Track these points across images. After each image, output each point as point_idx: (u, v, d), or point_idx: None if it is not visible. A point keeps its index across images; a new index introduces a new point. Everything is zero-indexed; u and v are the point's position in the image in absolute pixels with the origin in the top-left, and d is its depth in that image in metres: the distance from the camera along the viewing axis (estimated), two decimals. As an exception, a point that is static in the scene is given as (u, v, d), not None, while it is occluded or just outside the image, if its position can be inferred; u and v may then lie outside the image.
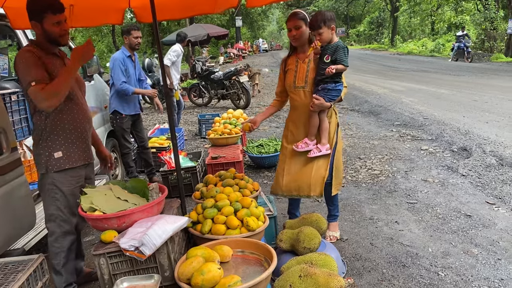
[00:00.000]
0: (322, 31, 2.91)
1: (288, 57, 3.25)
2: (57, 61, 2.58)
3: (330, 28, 2.93)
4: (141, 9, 3.60)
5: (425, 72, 16.41)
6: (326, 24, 2.90)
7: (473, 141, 6.04)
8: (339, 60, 2.94)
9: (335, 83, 3.02)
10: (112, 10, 3.45)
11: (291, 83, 3.16)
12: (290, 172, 3.25)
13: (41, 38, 2.53)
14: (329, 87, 3.01)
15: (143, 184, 2.75)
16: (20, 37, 3.62)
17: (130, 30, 4.81)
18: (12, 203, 2.80)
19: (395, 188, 4.66)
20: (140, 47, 5.17)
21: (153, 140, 6.17)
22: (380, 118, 8.55)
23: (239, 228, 2.62)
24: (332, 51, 2.96)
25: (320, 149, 3.13)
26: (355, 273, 3.01)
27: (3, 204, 2.75)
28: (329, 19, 2.92)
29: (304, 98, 3.13)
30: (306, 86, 3.11)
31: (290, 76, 3.17)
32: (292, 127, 3.28)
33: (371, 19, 46.49)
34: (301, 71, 3.12)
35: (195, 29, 17.68)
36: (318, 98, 3.00)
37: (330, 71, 2.90)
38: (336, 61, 2.95)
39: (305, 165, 3.20)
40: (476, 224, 3.63)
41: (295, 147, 3.17)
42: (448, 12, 32.14)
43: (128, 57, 4.86)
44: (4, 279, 2.11)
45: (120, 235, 2.30)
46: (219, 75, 11.16)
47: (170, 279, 2.32)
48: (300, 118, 3.20)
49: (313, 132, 3.14)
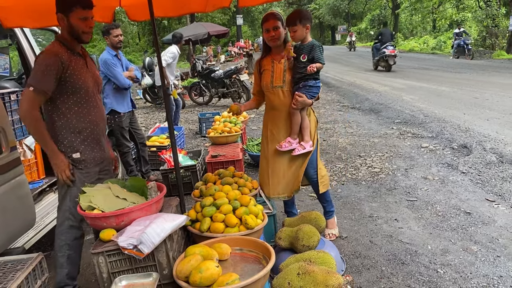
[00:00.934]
0: (296, 28, 3.00)
1: (262, 59, 3.26)
2: (79, 61, 2.59)
3: (305, 27, 3.00)
4: (132, 8, 3.59)
5: (426, 70, 16.38)
6: (302, 23, 2.98)
7: (473, 139, 6.03)
8: (316, 58, 3.01)
9: (314, 80, 3.08)
10: (102, 8, 3.44)
11: (268, 83, 3.17)
12: (276, 173, 3.26)
13: (65, 33, 2.53)
14: (310, 84, 3.06)
15: (142, 182, 2.76)
16: (19, 37, 3.62)
17: (109, 29, 4.81)
18: (12, 202, 2.81)
19: (395, 185, 4.66)
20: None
21: (153, 139, 6.19)
22: (381, 116, 8.54)
23: (237, 226, 2.62)
24: (308, 50, 3.02)
25: (304, 146, 3.16)
26: (354, 271, 3.01)
27: (2, 203, 2.76)
28: (305, 18, 2.99)
29: (283, 98, 3.15)
30: (284, 85, 3.13)
31: (267, 76, 3.17)
32: (272, 127, 3.27)
33: (372, 17, 46.37)
34: (278, 71, 3.14)
35: (195, 28, 17.63)
36: (301, 95, 3.03)
37: (311, 70, 2.96)
38: (313, 59, 3.01)
39: (288, 165, 3.23)
40: (476, 222, 3.63)
41: (279, 147, 3.18)
42: (449, 9, 32.03)
43: (114, 56, 4.88)
44: (3, 278, 2.12)
45: (119, 234, 2.30)
46: (219, 74, 11.17)
47: (168, 277, 2.32)
48: (280, 118, 3.20)
49: (296, 131, 3.16)
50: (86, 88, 2.60)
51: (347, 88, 12.83)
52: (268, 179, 3.29)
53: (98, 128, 2.72)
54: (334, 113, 9.42)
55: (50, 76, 2.40)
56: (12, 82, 4.18)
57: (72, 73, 2.50)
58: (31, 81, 2.38)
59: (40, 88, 2.37)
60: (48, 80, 2.40)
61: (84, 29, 2.50)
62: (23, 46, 3.62)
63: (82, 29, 2.50)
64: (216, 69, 11.62)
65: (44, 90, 2.39)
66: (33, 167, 3.94)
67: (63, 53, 2.48)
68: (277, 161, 3.25)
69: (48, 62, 2.40)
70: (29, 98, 2.38)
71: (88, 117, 2.63)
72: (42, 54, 2.46)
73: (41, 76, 2.38)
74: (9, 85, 3.94)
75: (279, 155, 3.23)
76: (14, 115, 3.54)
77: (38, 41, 4.18)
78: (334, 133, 7.46)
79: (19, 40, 3.63)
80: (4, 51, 4.70)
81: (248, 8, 44.36)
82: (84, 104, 2.60)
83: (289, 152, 3.18)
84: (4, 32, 4.36)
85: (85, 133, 2.63)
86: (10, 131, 2.88)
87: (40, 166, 3.85)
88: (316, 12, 53.12)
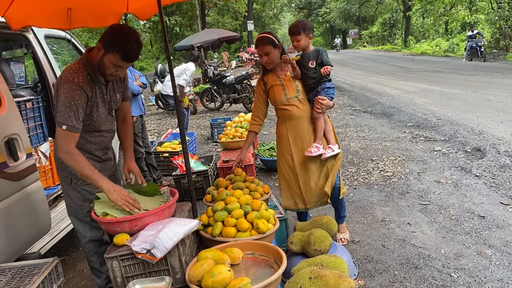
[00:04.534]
0: (300, 38, 3.10)
1: (264, 77, 3.27)
2: (99, 90, 2.51)
3: (308, 37, 3.11)
4: (139, 9, 3.62)
5: (439, 73, 16.24)
6: (305, 32, 3.09)
7: (487, 141, 5.97)
8: (325, 62, 3.11)
9: (329, 81, 3.17)
10: (111, 14, 3.49)
11: (282, 97, 3.17)
12: (308, 184, 3.24)
13: (94, 62, 2.41)
14: (327, 86, 3.14)
15: (155, 188, 2.79)
16: (34, 46, 3.70)
17: None
18: (28, 208, 2.87)
19: (407, 189, 4.63)
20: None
21: (166, 144, 6.25)
22: (393, 120, 8.50)
23: (249, 231, 2.63)
24: (314, 56, 3.12)
25: (332, 149, 3.17)
26: (367, 275, 3.00)
27: (19, 209, 2.82)
28: (309, 29, 3.11)
29: (301, 106, 3.18)
30: (299, 94, 3.17)
31: (278, 91, 3.17)
32: (295, 138, 3.22)
33: (384, 20, 46.17)
34: (288, 83, 3.17)
35: (206, 34, 17.75)
36: (323, 98, 3.09)
37: (326, 71, 3.05)
38: (322, 63, 3.11)
39: (317, 172, 3.23)
40: (490, 225, 3.59)
41: (308, 153, 3.14)
42: (462, 11, 31.72)
43: None
44: (20, 282, 2.16)
45: (132, 238, 2.34)
46: (230, 79, 11.24)
47: (181, 281, 2.34)
48: (302, 126, 3.20)
49: (321, 135, 3.18)
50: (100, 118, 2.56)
51: (359, 92, 12.79)
52: (301, 191, 3.26)
53: (107, 147, 2.71)
54: (346, 117, 9.40)
55: (79, 112, 2.35)
56: (28, 90, 4.26)
57: (90, 104, 2.46)
58: (62, 119, 2.30)
59: (72, 125, 2.32)
60: (78, 116, 2.35)
61: (112, 73, 2.43)
62: (38, 55, 3.70)
63: (111, 72, 2.42)
64: (227, 74, 11.70)
65: (76, 127, 2.35)
66: (48, 173, 4.01)
67: (87, 85, 2.40)
68: (307, 171, 3.22)
69: (76, 97, 2.33)
70: (64, 137, 2.33)
71: (99, 138, 2.62)
72: (68, 85, 2.33)
73: (71, 113, 2.31)
74: (25, 93, 4.02)
75: (307, 164, 3.20)
76: (30, 122, 3.61)
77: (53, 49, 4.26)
78: (345, 137, 7.44)
79: (34, 49, 3.70)
80: (20, 60, 4.81)
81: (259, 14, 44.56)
82: (95, 133, 2.58)
83: (316, 160, 3.17)
84: (20, 42, 4.46)
85: (94, 154, 2.62)
86: (26, 138, 2.95)
87: (55, 172, 3.92)
88: (326, 16, 53.10)
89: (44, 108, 3.88)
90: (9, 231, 2.70)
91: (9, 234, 2.70)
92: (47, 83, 3.74)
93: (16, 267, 2.35)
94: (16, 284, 2.15)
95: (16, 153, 2.79)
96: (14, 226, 2.76)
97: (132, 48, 2.34)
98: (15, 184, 2.79)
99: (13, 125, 2.90)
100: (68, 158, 2.35)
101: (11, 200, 2.76)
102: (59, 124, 2.31)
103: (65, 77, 2.36)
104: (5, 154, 2.76)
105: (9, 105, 2.90)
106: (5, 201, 2.71)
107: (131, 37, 2.33)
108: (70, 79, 2.34)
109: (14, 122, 2.92)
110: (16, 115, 2.98)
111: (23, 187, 2.83)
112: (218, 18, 37.94)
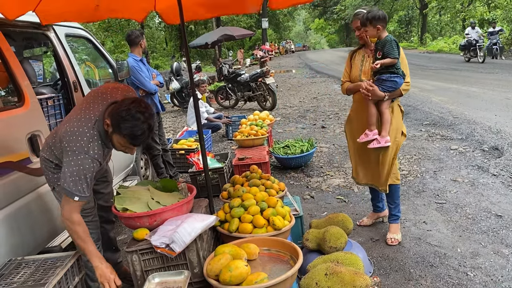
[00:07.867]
0: (367, 29, 3.11)
1: (356, 50, 3.42)
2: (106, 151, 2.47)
3: (376, 27, 3.06)
4: (167, 12, 3.68)
5: (456, 70, 16.03)
6: (372, 23, 3.05)
7: (505, 140, 5.89)
8: (386, 53, 3.03)
9: (390, 73, 3.07)
10: (138, 9, 3.54)
11: (357, 76, 3.30)
12: (361, 163, 3.52)
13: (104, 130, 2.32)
14: (383, 78, 3.08)
15: (173, 184, 2.85)
16: (56, 45, 3.77)
17: (138, 39, 5.04)
18: (49, 203, 2.95)
19: (423, 188, 4.61)
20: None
21: (181, 142, 6.32)
22: (409, 118, 8.42)
23: (265, 227, 2.67)
24: (381, 46, 3.07)
25: (379, 141, 3.19)
26: (382, 273, 3.01)
27: (41, 204, 2.90)
28: (376, 19, 3.03)
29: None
30: (370, 79, 3.20)
31: (356, 69, 3.34)
32: (355, 119, 3.47)
33: (400, 18, 45.66)
34: (367, 65, 3.27)
35: (221, 32, 17.81)
36: (372, 85, 3.09)
37: (374, 67, 3.03)
38: (384, 54, 3.05)
39: (373, 156, 3.34)
40: (507, 224, 3.56)
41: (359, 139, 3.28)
42: (480, 8, 31.17)
43: (139, 61, 5.05)
44: (44, 274, 2.24)
45: (152, 233, 2.39)
46: (245, 77, 11.27)
47: (199, 275, 2.39)
48: (363, 109, 3.28)
49: (371, 122, 3.20)
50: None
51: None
52: (357, 167, 3.57)
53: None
54: (361, 115, 9.33)
55: (91, 182, 2.30)
56: (48, 88, 4.35)
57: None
58: (73, 190, 2.20)
59: (85, 196, 2.25)
60: (90, 184, 2.30)
61: (119, 148, 2.39)
62: (59, 53, 3.77)
63: (117, 147, 2.39)
64: (242, 72, 11.72)
65: (87, 196, 2.28)
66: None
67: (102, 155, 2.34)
68: (361, 152, 3.46)
69: (91, 170, 2.26)
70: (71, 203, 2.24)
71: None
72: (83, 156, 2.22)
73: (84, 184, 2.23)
74: (46, 91, 4.11)
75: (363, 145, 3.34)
76: (51, 119, 3.69)
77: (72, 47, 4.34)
78: (360, 135, 7.40)
79: (55, 48, 3.77)
80: (38, 58, 4.91)
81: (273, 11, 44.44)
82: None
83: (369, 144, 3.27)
84: (41, 40, 4.55)
85: None
86: (47, 135, 3.02)
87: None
88: (342, 14, 52.68)
89: (64, 105, 3.96)
90: (32, 224, 2.78)
91: (33, 227, 2.78)
92: (67, 81, 3.81)
93: (40, 259, 2.43)
94: (40, 275, 2.23)
95: (39, 149, 2.87)
96: (37, 219, 2.84)
97: (141, 132, 2.22)
98: (37, 179, 2.87)
99: (36, 122, 2.98)
100: (69, 224, 2.27)
101: (34, 195, 2.85)
102: (70, 194, 2.20)
103: (80, 146, 2.23)
104: (28, 150, 2.84)
105: (32, 102, 2.98)
106: (29, 196, 2.80)
107: (139, 119, 2.20)
108: (85, 150, 2.23)
109: (37, 119, 3.00)
110: (39, 112, 3.06)
111: (44, 182, 2.90)
112: (232, 16, 38.01)
